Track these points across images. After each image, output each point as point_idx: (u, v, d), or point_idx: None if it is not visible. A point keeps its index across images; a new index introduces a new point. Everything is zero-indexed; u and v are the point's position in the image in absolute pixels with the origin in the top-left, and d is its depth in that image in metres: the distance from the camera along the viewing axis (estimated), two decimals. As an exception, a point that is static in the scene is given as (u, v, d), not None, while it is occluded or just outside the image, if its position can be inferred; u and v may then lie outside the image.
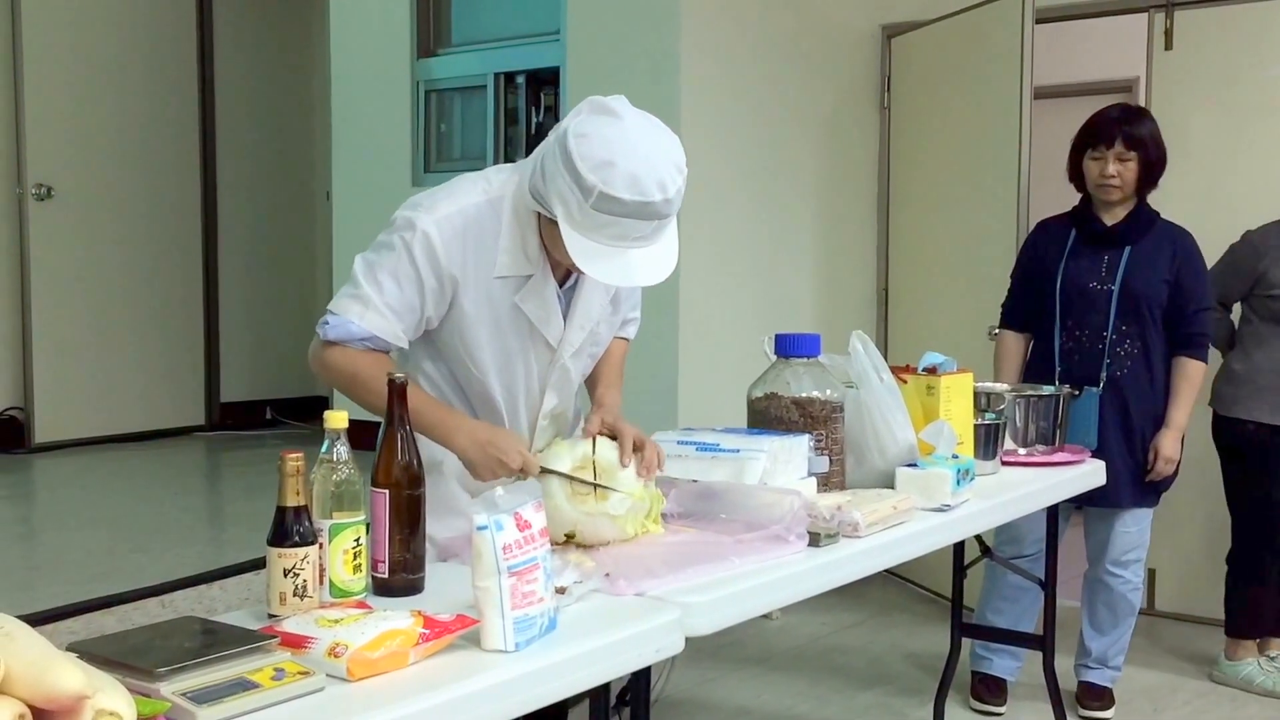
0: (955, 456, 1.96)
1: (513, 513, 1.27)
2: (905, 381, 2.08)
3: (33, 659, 0.94)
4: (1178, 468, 2.81)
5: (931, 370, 2.13)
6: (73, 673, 0.93)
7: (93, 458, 4.69)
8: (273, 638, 1.17)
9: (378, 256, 1.63)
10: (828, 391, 1.89)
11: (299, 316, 5.61)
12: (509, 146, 4.33)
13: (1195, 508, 3.47)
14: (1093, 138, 2.78)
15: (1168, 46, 3.56)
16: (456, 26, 4.51)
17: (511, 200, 1.63)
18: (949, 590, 2.69)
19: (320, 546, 1.34)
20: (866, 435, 1.97)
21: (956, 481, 1.91)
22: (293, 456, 1.31)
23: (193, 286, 5.30)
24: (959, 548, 2.54)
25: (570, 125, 1.53)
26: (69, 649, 1.05)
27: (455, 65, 4.44)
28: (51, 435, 4.76)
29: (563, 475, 1.57)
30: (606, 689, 1.43)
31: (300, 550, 1.30)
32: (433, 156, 4.49)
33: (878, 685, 3.10)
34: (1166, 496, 2.91)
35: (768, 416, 1.89)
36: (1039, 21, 3.40)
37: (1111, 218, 2.82)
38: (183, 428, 5.21)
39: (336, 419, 1.38)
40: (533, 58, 4.22)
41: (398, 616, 1.21)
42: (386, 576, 1.41)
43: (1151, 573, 3.52)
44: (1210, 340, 2.86)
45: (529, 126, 4.29)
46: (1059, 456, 2.37)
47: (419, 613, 1.23)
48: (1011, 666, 2.95)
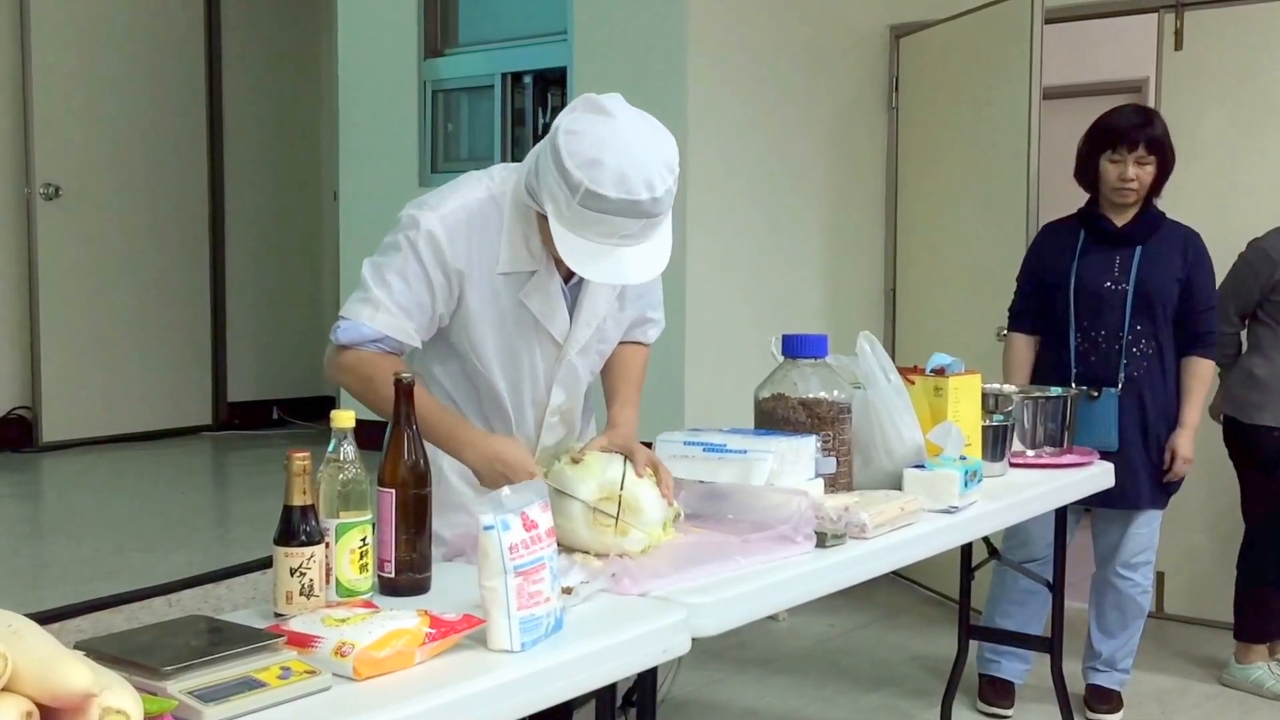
0: (963, 458, 1.95)
1: (519, 512, 1.27)
2: (913, 382, 2.08)
3: (40, 657, 0.94)
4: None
5: (939, 371, 2.12)
6: (80, 671, 0.93)
7: (100, 457, 4.70)
8: (279, 637, 1.17)
9: (384, 258, 1.63)
10: (835, 392, 1.88)
11: (306, 316, 5.63)
12: (516, 147, 4.33)
13: (1204, 510, 3.45)
14: (1112, 140, 2.75)
15: (1178, 47, 3.54)
16: (464, 26, 4.51)
17: (513, 196, 1.64)
18: (956, 592, 2.68)
19: (327, 546, 1.34)
20: (874, 436, 1.97)
21: (964, 483, 1.90)
22: (299, 456, 1.31)
23: (200, 286, 5.31)
24: (966, 549, 2.53)
25: (562, 122, 1.53)
26: (76, 647, 1.05)
27: (462, 65, 4.45)
28: (59, 434, 4.77)
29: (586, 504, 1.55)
30: (613, 689, 1.42)
31: (307, 549, 1.30)
32: (440, 157, 4.49)
33: (884, 687, 3.09)
34: (1175, 499, 2.90)
35: (775, 417, 1.88)
36: (1048, 21, 3.39)
37: (1121, 218, 2.81)
38: (190, 427, 5.22)
39: (343, 418, 1.38)
40: (540, 58, 4.22)
41: (404, 616, 1.20)
42: (393, 576, 1.41)
43: (1160, 575, 3.51)
44: (1217, 340, 2.84)
45: (536, 127, 4.29)
46: (1067, 458, 2.37)
47: (425, 612, 1.22)
48: (1019, 669, 2.94)
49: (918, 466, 1.93)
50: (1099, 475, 2.40)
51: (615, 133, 1.50)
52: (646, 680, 1.48)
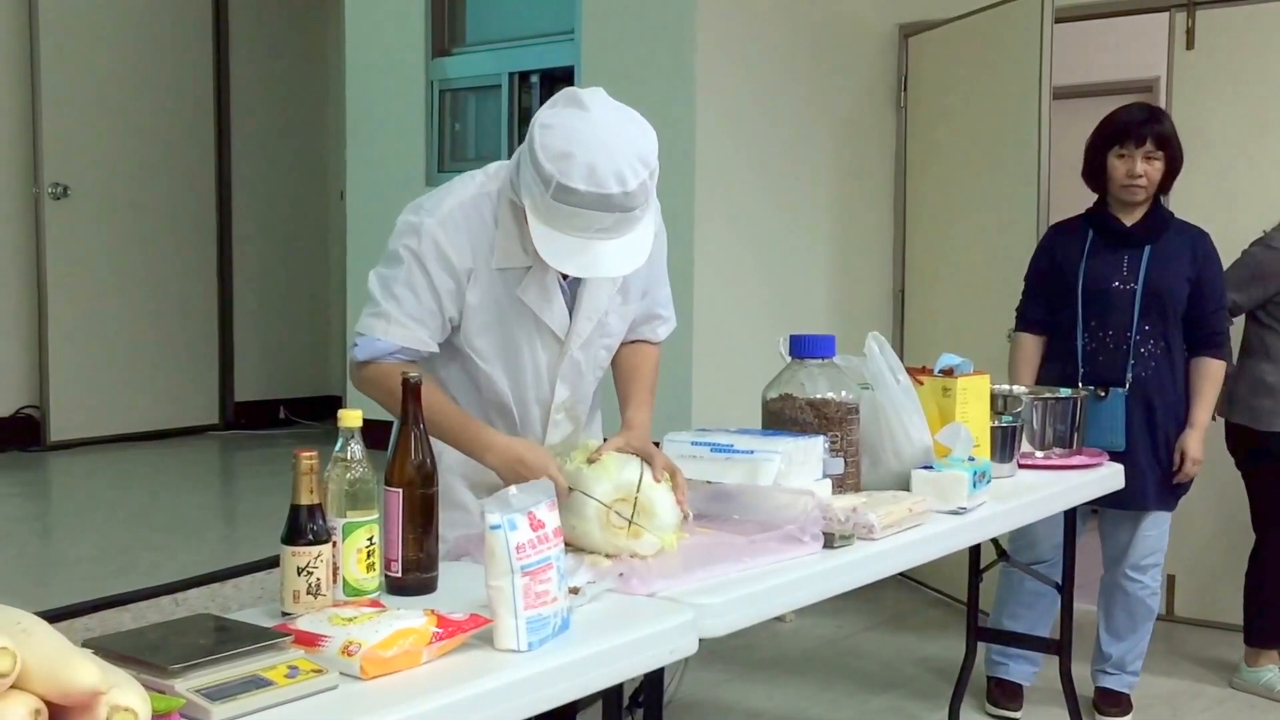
0: (971, 459, 1.95)
1: (526, 512, 1.26)
2: (921, 383, 2.07)
3: (49, 654, 0.94)
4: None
5: (948, 372, 2.12)
6: (89, 669, 0.93)
7: (107, 456, 4.71)
8: (286, 636, 1.17)
9: (390, 270, 1.66)
10: (843, 393, 1.88)
11: (313, 316, 5.63)
12: (523, 146, 4.32)
13: (1213, 512, 3.43)
14: (1120, 136, 2.74)
15: (1189, 46, 3.53)
16: (471, 26, 4.51)
17: (507, 193, 1.65)
18: (964, 594, 2.67)
19: (334, 545, 1.34)
20: (882, 437, 1.96)
21: (973, 484, 1.89)
22: (307, 455, 1.31)
23: (207, 285, 5.32)
24: (975, 551, 2.52)
25: (540, 116, 1.55)
26: (85, 645, 1.05)
27: (470, 65, 4.45)
28: (66, 433, 4.78)
29: (600, 502, 1.55)
30: (619, 690, 1.42)
31: (314, 549, 1.30)
32: (447, 156, 4.50)
33: (892, 689, 3.08)
34: (1184, 500, 2.88)
35: (782, 418, 1.88)
36: (1058, 21, 3.38)
37: (1130, 218, 2.80)
38: (197, 427, 5.23)
39: (351, 417, 1.38)
40: (547, 57, 4.22)
41: (411, 615, 1.20)
42: (400, 575, 1.41)
43: (1170, 578, 3.49)
44: (1229, 338, 2.82)
45: (543, 126, 4.28)
46: (1076, 459, 2.36)
47: (432, 612, 1.22)
48: (1028, 671, 2.92)
49: (926, 467, 1.92)
50: (1109, 477, 2.39)
51: (588, 126, 1.50)
52: (653, 681, 1.47)
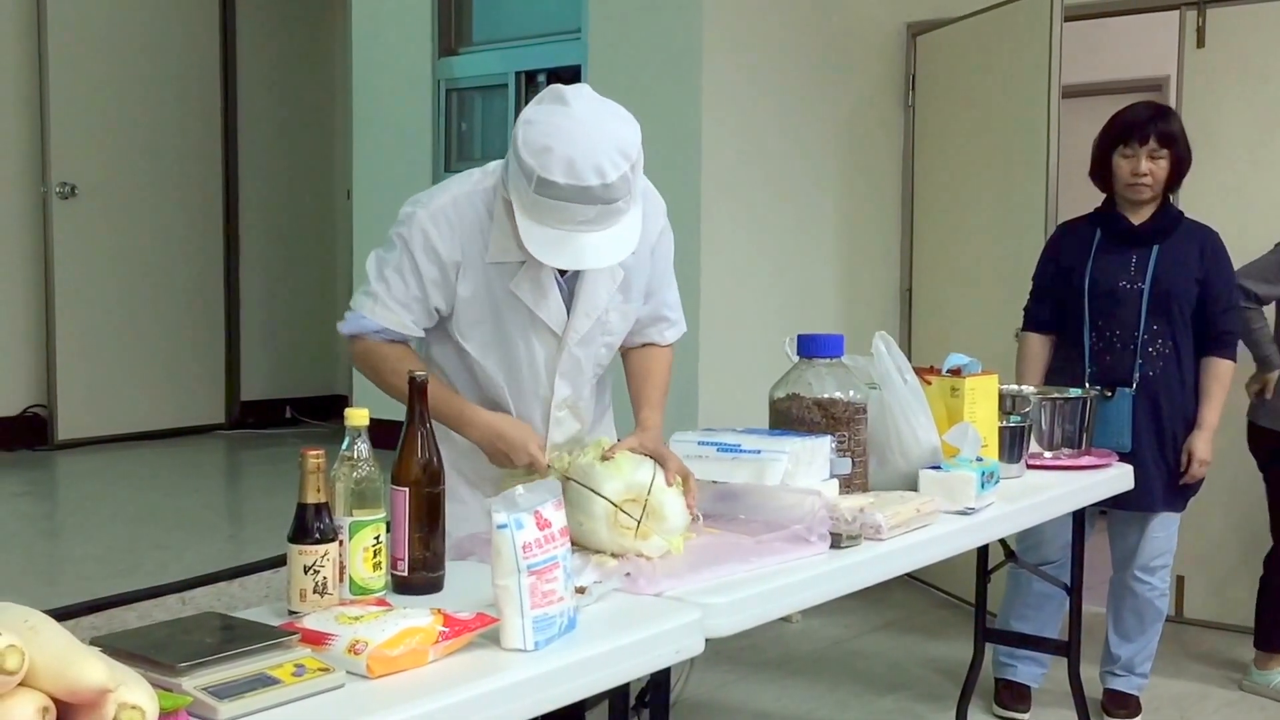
0: (980, 459, 1.94)
1: (533, 511, 1.26)
2: (929, 383, 2.06)
3: (57, 652, 0.94)
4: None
5: (956, 372, 2.11)
6: (96, 666, 0.93)
7: (114, 455, 4.72)
8: (293, 634, 1.17)
9: (385, 254, 1.72)
10: (850, 392, 1.87)
11: (319, 315, 5.63)
12: (529, 146, 4.32)
13: (1223, 513, 3.42)
14: (1124, 135, 2.74)
15: (1199, 44, 3.51)
16: (478, 25, 4.51)
17: (502, 190, 1.68)
18: (972, 595, 2.66)
19: (340, 544, 1.34)
20: (889, 437, 1.95)
21: (981, 484, 1.89)
22: (314, 454, 1.31)
23: (214, 285, 5.33)
24: (983, 552, 2.51)
25: (524, 113, 1.59)
26: (92, 643, 1.05)
27: (476, 64, 4.45)
28: (74, 432, 4.79)
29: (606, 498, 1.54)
30: (626, 690, 1.42)
31: (321, 547, 1.30)
32: (453, 155, 4.49)
33: (899, 690, 3.07)
34: (1194, 502, 2.87)
35: (789, 417, 1.87)
36: (1068, 19, 3.36)
37: (1138, 217, 2.78)
38: (203, 426, 5.23)
39: (358, 416, 1.38)
40: (554, 56, 4.22)
41: (417, 614, 1.20)
42: (406, 574, 1.41)
43: (1179, 579, 3.48)
44: (1238, 339, 2.81)
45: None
46: (1085, 460, 2.35)
47: (439, 611, 1.22)
48: (1036, 673, 2.91)
49: (934, 467, 1.92)
50: (1118, 477, 2.38)
51: (567, 121, 1.53)
52: (659, 681, 1.47)
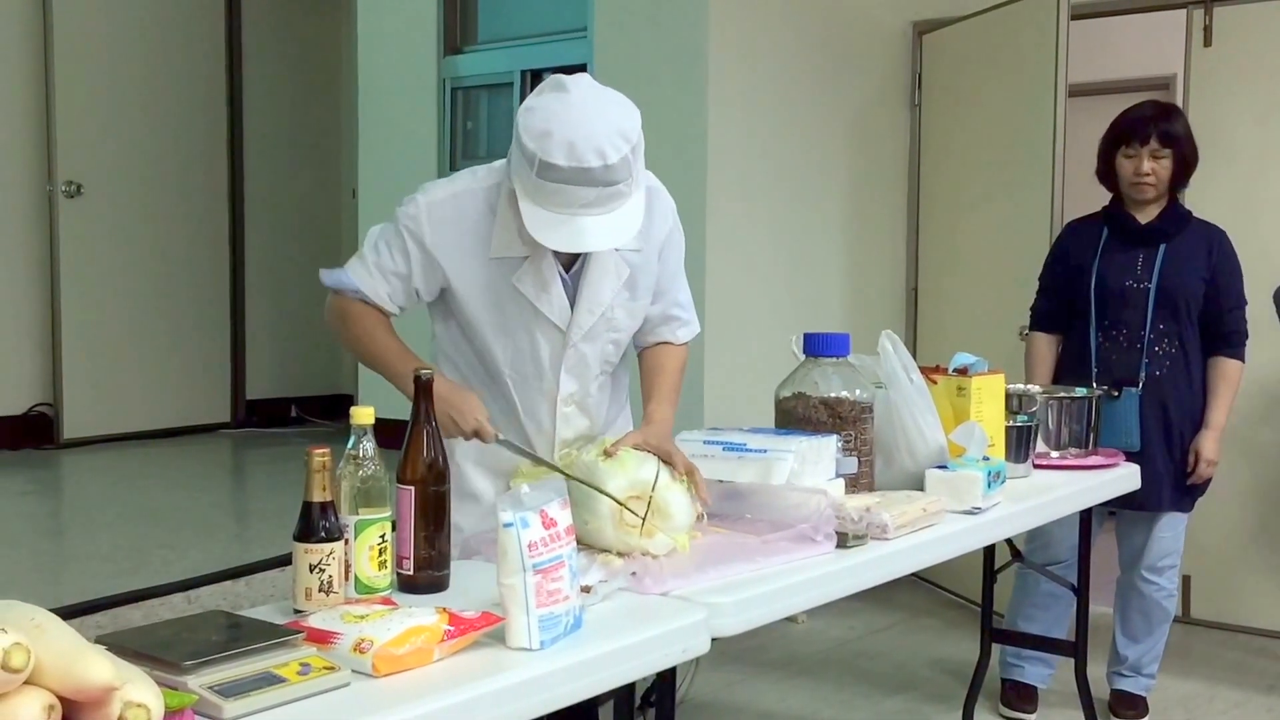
0: (986, 459, 1.93)
1: (538, 510, 1.26)
2: (935, 382, 2.06)
3: (63, 650, 0.94)
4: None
5: (962, 371, 2.10)
6: (102, 664, 0.93)
7: (120, 454, 4.73)
8: (298, 633, 1.17)
9: (382, 229, 1.77)
10: (857, 392, 1.87)
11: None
12: (535, 144, 4.31)
13: (1231, 513, 3.41)
14: (1126, 135, 2.73)
15: (1206, 43, 3.50)
16: (483, 24, 4.51)
17: (506, 184, 1.69)
18: (978, 595, 2.65)
19: (346, 542, 1.33)
20: (896, 436, 1.95)
21: (987, 484, 1.88)
22: (319, 452, 1.31)
23: (219, 284, 5.34)
24: (989, 552, 2.50)
25: (525, 102, 1.62)
26: (98, 641, 1.05)
27: (482, 62, 4.45)
28: (80, 431, 4.80)
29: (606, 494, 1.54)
30: (631, 689, 1.42)
31: (326, 546, 1.30)
32: (458, 154, 4.49)
33: (905, 691, 3.07)
34: (1201, 501, 2.86)
35: (796, 416, 1.87)
36: (1074, 17, 3.35)
37: (1145, 216, 2.78)
38: (209, 425, 5.24)
39: (363, 414, 1.38)
40: (559, 55, 4.21)
41: (423, 613, 1.20)
42: (411, 573, 1.40)
43: (1186, 580, 3.46)
44: (1246, 338, 2.79)
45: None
46: (1092, 460, 2.34)
47: (444, 609, 1.22)
48: (1043, 674, 2.90)
49: (940, 467, 1.91)
50: (1125, 477, 2.37)
51: (567, 106, 1.56)
52: (665, 680, 1.46)
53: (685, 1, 3.65)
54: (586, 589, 1.35)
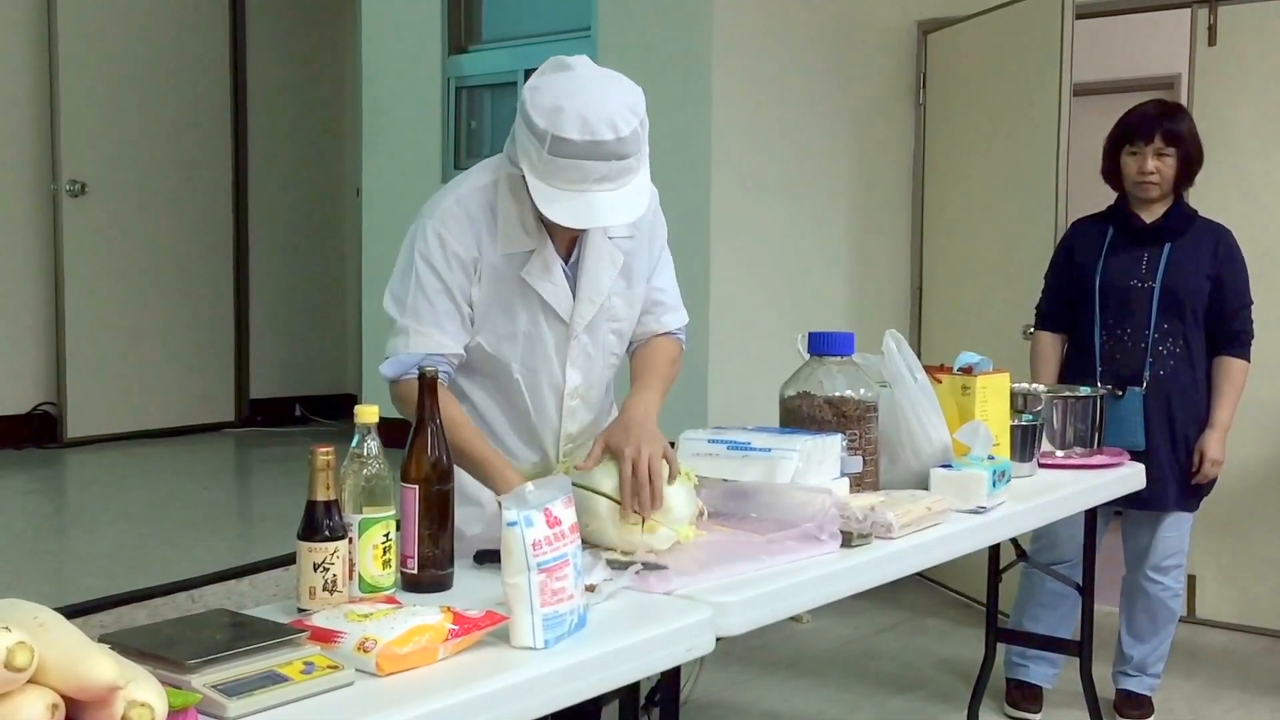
0: (991, 458, 1.93)
1: (543, 509, 1.26)
2: (940, 381, 2.05)
3: (67, 649, 0.94)
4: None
5: (967, 370, 2.10)
6: (106, 663, 0.93)
7: (124, 453, 4.73)
8: (302, 632, 1.16)
9: (403, 286, 1.68)
10: (861, 391, 1.86)
11: (329, 313, 5.65)
12: (539, 144, 4.31)
13: (1238, 512, 3.40)
14: (1130, 134, 2.73)
15: (1211, 42, 3.49)
16: (487, 23, 4.51)
17: (505, 179, 1.69)
18: (983, 595, 2.65)
19: (350, 541, 1.33)
20: (900, 435, 1.94)
21: (992, 483, 1.87)
22: (323, 451, 1.31)
23: (223, 283, 5.34)
24: (994, 551, 2.50)
25: (528, 83, 1.61)
26: (101, 640, 1.05)
27: (486, 62, 4.45)
28: (83, 430, 4.80)
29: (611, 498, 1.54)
30: (636, 689, 1.41)
31: (330, 545, 1.30)
32: (463, 153, 4.49)
33: (910, 691, 3.06)
34: (1207, 501, 2.85)
35: (800, 415, 1.86)
36: (1079, 16, 3.35)
37: (1150, 215, 2.77)
38: (213, 424, 5.24)
39: (367, 413, 1.38)
40: (563, 54, 4.20)
41: (427, 612, 1.20)
42: (416, 572, 1.40)
43: (1192, 579, 3.45)
44: (1252, 338, 2.78)
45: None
46: (1097, 459, 2.33)
47: (448, 608, 1.22)
48: (1048, 673, 2.90)
49: (945, 466, 1.91)
50: (1130, 476, 2.36)
51: (575, 82, 1.57)
52: (670, 680, 1.46)
53: (689, 2, 3.65)
54: (591, 588, 1.35)
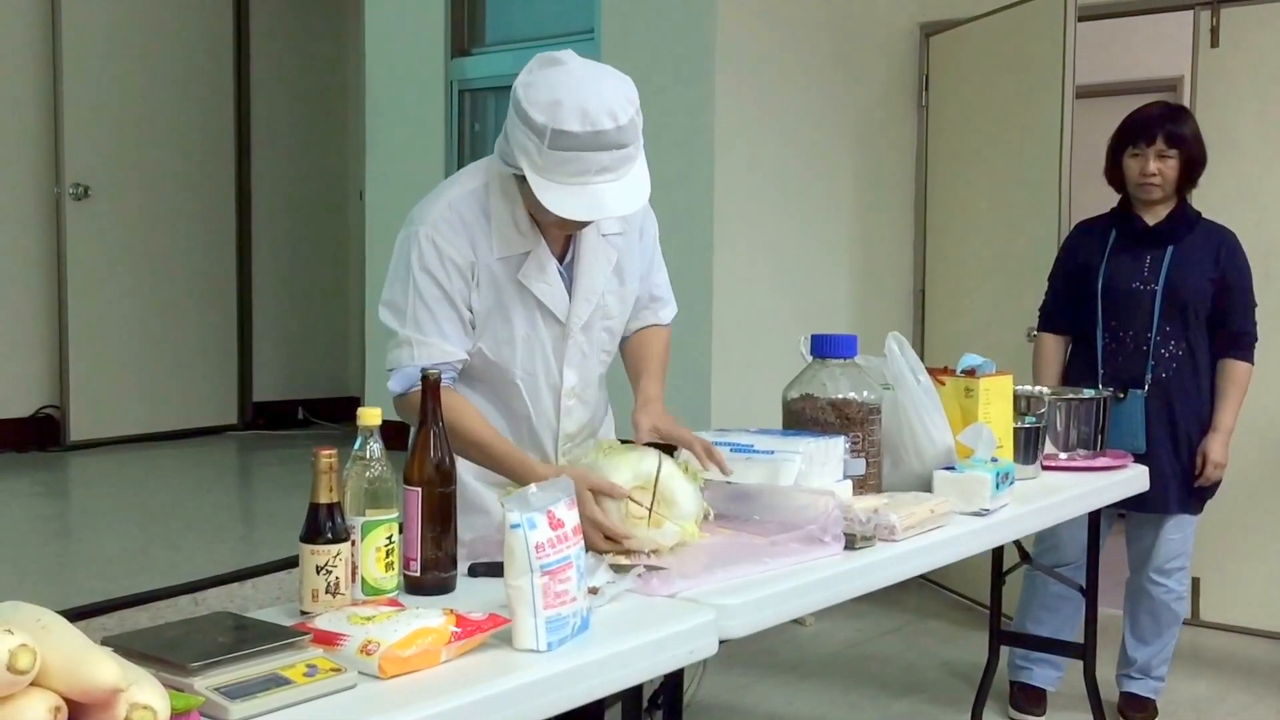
0: (994, 460, 1.92)
1: (546, 511, 1.25)
2: (943, 384, 2.05)
3: (69, 652, 0.94)
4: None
5: (970, 372, 2.10)
6: (108, 666, 0.93)
7: (127, 456, 4.74)
8: (305, 634, 1.16)
9: (398, 296, 1.67)
10: (864, 393, 1.86)
11: (332, 317, 5.65)
12: (541, 147, 4.32)
13: (1240, 515, 3.39)
14: (1133, 135, 2.73)
15: (1213, 44, 3.49)
16: (490, 26, 4.52)
17: (496, 181, 1.69)
18: (986, 597, 2.65)
19: (353, 544, 1.33)
20: (903, 437, 1.94)
21: (996, 485, 1.87)
22: (326, 453, 1.31)
23: (226, 286, 5.34)
24: (998, 553, 2.49)
25: (517, 84, 1.60)
26: (104, 643, 1.05)
27: (489, 65, 4.45)
28: (86, 433, 4.81)
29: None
30: (639, 691, 1.41)
31: (333, 547, 1.30)
32: (466, 156, 4.50)
33: (913, 694, 3.06)
34: (1212, 503, 2.84)
35: (803, 418, 1.86)
36: (1081, 19, 3.35)
37: (1153, 217, 2.77)
38: (216, 427, 5.25)
39: (370, 416, 1.38)
40: (566, 57, 4.21)
41: (430, 614, 1.20)
42: (418, 575, 1.40)
43: (1195, 581, 3.45)
44: (1255, 340, 2.78)
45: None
46: (1101, 461, 2.33)
47: (451, 611, 1.22)
48: (1052, 676, 2.89)
49: (948, 468, 1.90)
50: (1133, 478, 2.36)
51: (569, 76, 1.56)
52: (673, 682, 1.46)
53: (692, 4, 3.65)
54: (594, 590, 1.35)
